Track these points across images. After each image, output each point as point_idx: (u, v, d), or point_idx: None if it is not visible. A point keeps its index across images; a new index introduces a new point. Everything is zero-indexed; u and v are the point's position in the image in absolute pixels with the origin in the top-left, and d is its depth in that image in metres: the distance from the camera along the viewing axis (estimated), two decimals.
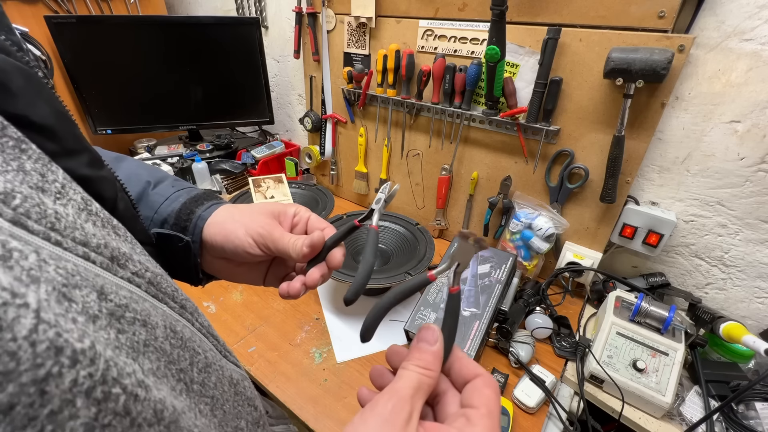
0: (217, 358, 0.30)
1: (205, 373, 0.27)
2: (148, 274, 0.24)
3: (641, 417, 0.69)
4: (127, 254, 0.23)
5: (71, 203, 0.21)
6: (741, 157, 0.75)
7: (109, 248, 0.21)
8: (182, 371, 0.24)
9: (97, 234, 0.21)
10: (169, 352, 0.23)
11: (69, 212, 0.20)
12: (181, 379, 0.24)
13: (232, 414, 0.30)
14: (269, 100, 1.39)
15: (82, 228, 0.20)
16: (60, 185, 0.21)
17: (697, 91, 0.75)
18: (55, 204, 0.19)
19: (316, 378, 0.74)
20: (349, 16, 1.05)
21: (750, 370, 0.74)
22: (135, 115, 1.34)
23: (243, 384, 0.33)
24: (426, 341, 0.27)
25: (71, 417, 0.15)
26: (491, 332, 0.80)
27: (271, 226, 0.37)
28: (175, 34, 1.24)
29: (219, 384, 0.28)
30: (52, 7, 1.20)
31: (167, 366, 0.23)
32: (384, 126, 1.14)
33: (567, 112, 0.84)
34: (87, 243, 0.20)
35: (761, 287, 0.81)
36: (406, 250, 0.95)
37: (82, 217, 0.21)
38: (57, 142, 0.24)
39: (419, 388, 0.25)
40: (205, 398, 0.27)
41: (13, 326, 0.14)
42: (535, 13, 0.81)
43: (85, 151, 0.27)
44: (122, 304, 0.20)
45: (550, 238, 0.91)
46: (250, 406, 0.33)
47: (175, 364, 0.24)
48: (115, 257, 0.22)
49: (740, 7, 0.67)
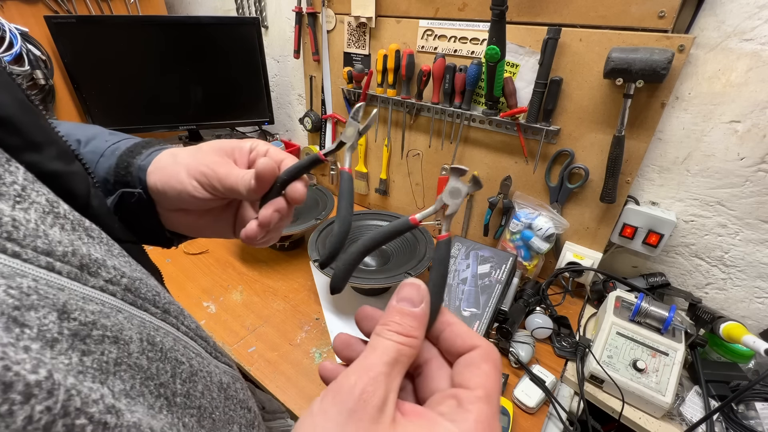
0: (205, 364, 0.27)
1: (191, 383, 0.25)
2: (125, 281, 0.22)
3: (641, 417, 0.69)
4: (100, 260, 0.21)
5: (33, 207, 0.19)
6: (741, 157, 0.75)
7: (77, 255, 0.20)
8: (162, 386, 0.22)
9: (63, 240, 0.19)
10: (146, 367, 0.21)
11: (30, 218, 0.18)
12: (160, 394, 0.22)
13: (222, 421, 0.28)
14: (269, 100, 1.38)
15: (46, 235, 0.18)
16: (20, 188, 0.19)
17: (697, 91, 0.75)
18: (14, 210, 0.18)
19: (316, 378, 0.74)
20: (349, 16, 1.05)
21: (750, 370, 0.74)
22: (135, 115, 1.34)
23: (234, 387, 0.31)
24: (408, 300, 0.22)
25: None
26: (491, 332, 0.80)
27: (217, 164, 0.31)
28: (175, 34, 1.24)
29: (207, 392, 0.26)
30: (52, 7, 1.20)
31: (143, 383, 0.21)
32: (384, 126, 1.14)
33: (567, 112, 0.84)
34: (51, 252, 0.18)
35: (761, 287, 0.81)
36: (406, 250, 0.95)
37: (47, 222, 0.19)
38: (19, 135, 0.22)
39: (397, 361, 0.20)
40: (191, 410, 0.24)
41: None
42: (535, 13, 0.81)
43: (53, 143, 0.25)
44: (88, 322, 0.18)
45: (550, 238, 0.91)
46: (243, 408, 0.31)
47: (154, 379, 0.22)
48: (85, 265, 0.20)
49: (740, 7, 0.67)
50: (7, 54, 1.07)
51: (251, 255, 1.06)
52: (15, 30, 1.09)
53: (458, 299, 0.80)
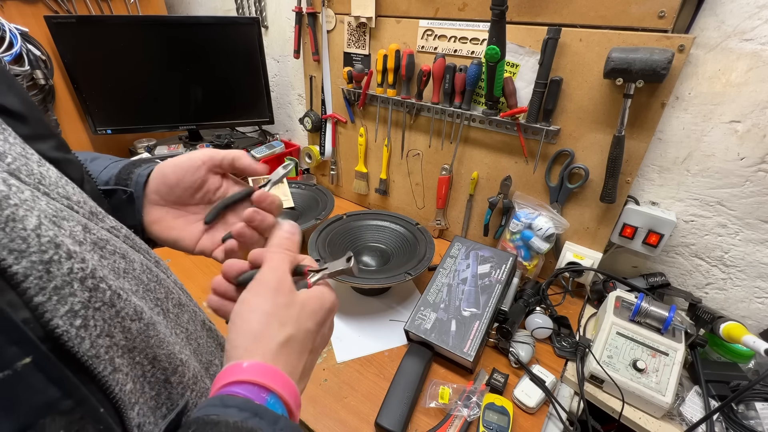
0: (191, 304, 0.35)
1: (179, 309, 0.32)
2: (124, 231, 0.28)
3: (641, 417, 0.69)
4: (103, 213, 0.27)
5: (51, 170, 0.24)
6: (741, 157, 0.75)
7: (87, 206, 0.25)
8: (159, 300, 0.30)
9: (76, 194, 0.25)
10: (146, 282, 0.28)
11: (51, 175, 0.24)
12: (158, 305, 0.29)
13: (205, 349, 0.36)
14: (269, 100, 1.38)
15: (64, 188, 0.24)
16: (38, 157, 0.24)
17: (697, 91, 0.75)
18: (39, 168, 0.23)
19: (316, 378, 0.74)
20: (349, 16, 1.05)
21: (750, 370, 0.74)
22: (135, 114, 1.34)
23: (217, 332, 0.39)
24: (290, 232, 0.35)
25: (71, 294, 0.20)
26: (491, 332, 0.80)
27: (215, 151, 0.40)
28: (175, 34, 1.24)
29: (192, 322, 0.34)
30: (52, 7, 1.20)
31: (145, 292, 0.28)
32: (384, 126, 1.14)
33: (567, 112, 0.84)
34: (69, 198, 0.24)
35: (761, 287, 0.81)
36: (406, 250, 0.95)
37: (62, 182, 0.25)
38: (29, 127, 0.27)
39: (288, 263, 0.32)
40: (180, 328, 0.32)
41: (23, 220, 0.19)
42: (535, 13, 0.81)
43: (53, 136, 0.30)
44: (104, 238, 0.25)
45: (550, 238, 0.91)
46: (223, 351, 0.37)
47: (153, 292, 0.29)
48: (93, 213, 0.26)
49: (740, 7, 0.67)
50: (7, 54, 1.07)
51: None
52: (15, 30, 1.09)
53: (458, 299, 0.80)
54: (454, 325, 0.76)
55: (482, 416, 0.65)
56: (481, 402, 0.66)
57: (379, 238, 1.01)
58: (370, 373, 0.76)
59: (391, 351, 0.81)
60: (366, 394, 0.72)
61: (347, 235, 0.99)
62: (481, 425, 0.64)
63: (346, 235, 0.99)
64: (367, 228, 1.02)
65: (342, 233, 0.98)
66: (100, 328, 0.22)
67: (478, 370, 0.76)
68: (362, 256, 0.97)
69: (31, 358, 0.18)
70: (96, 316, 0.21)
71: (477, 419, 0.65)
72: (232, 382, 0.25)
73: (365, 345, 0.82)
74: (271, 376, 0.26)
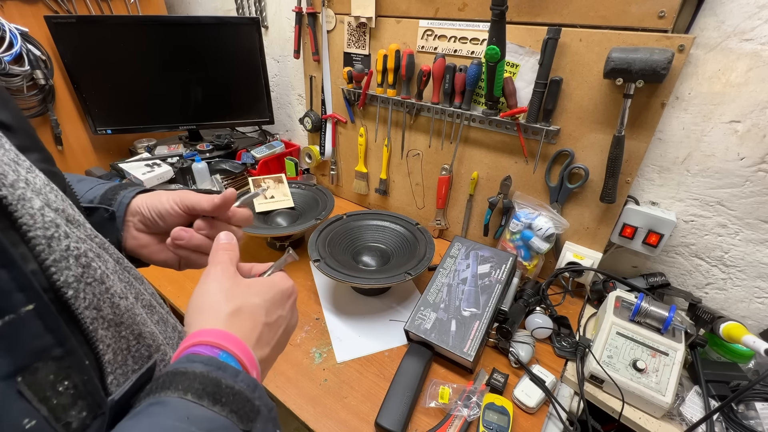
0: (163, 311, 0.38)
1: (149, 310, 0.35)
2: (98, 239, 0.31)
3: (641, 417, 0.69)
4: (80, 222, 0.29)
5: (38, 177, 0.26)
6: (741, 157, 0.75)
7: (66, 213, 0.27)
8: (131, 283, 0.33)
9: (57, 201, 0.27)
10: (119, 271, 0.32)
11: (38, 182, 0.26)
12: (129, 283, 0.32)
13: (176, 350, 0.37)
14: (269, 100, 1.38)
15: (47, 195, 0.26)
16: (29, 164, 0.26)
17: (697, 91, 0.75)
18: (27, 174, 0.25)
19: (316, 378, 0.74)
20: (349, 16, 1.05)
21: (750, 370, 0.74)
22: (135, 115, 1.34)
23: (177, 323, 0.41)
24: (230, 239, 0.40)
25: (66, 268, 0.24)
26: (491, 332, 0.80)
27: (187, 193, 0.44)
28: (175, 34, 1.24)
29: (161, 323, 0.36)
30: (52, 7, 1.20)
31: (121, 273, 0.32)
32: (384, 126, 1.14)
33: (567, 112, 0.84)
34: (49, 203, 0.26)
35: (761, 287, 0.81)
36: (406, 250, 0.95)
37: (46, 189, 0.27)
38: (19, 139, 0.29)
39: (231, 261, 0.37)
40: (148, 308, 0.35)
41: (31, 201, 0.23)
42: (535, 13, 0.81)
43: (41, 149, 0.32)
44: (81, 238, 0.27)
45: (550, 238, 0.91)
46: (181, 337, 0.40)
47: (128, 272, 0.33)
48: (71, 220, 0.27)
49: (740, 7, 0.67)
50: (7, 54, 1.07)
51: (251, 255, 1.06)
52: (15, 30, 1.09)
53: (458, 299, 0.80)
54: (454, 325, 0.76)
55: (482, 416, 0.65)
56: (481, 402, 0.66)
57: (379, 238, 1.01)
58: (370, 373, 0.76)
59: (391, 351, 0.81)
60: (366, 394, 0.72)
61: (347, 235, 0.99)
62: (481, 425, 0.64)
63: (346, 235, 0.99)
64: (367, 228, 1.02)
65: (342, 233, 0.98)
66: (89, 300, 0.25)
67: (478, 370, 0.76)
68: (362, 256, 0.97)
69: (33, 306, 0.21)
70: (86, 289, 0.25)
71: (477, 419, 0.65)
72: (192, 344, 0.29)
73: (365, 345, 0.82)
74: (221, 337, 0.29)
